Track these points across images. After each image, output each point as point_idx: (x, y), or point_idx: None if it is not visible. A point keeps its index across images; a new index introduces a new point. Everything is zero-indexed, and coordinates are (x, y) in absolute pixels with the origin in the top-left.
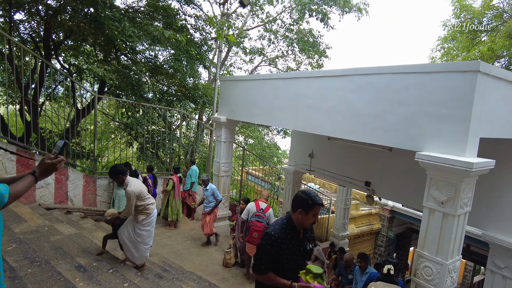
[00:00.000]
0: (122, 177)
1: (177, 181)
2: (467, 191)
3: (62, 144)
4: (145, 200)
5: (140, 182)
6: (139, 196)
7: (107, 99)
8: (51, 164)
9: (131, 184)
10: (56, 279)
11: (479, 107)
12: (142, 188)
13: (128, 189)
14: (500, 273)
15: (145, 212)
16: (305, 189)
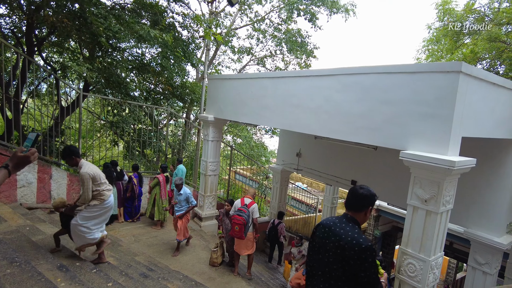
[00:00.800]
0: (76, 158)
1: (164, 180)
2: (449, 189)
3: (34, 136)
4: (101, 185)
5: (95, 166)
6: (94, 179)
7: (92, 97)
8: (24, 157)
9: (84, 166)
10: (37, 279)
11: (461, 107)
12: (98, 172)
13: (81, 171)
14: (480, 269)
15: (99, 198)
16: (360, 185)
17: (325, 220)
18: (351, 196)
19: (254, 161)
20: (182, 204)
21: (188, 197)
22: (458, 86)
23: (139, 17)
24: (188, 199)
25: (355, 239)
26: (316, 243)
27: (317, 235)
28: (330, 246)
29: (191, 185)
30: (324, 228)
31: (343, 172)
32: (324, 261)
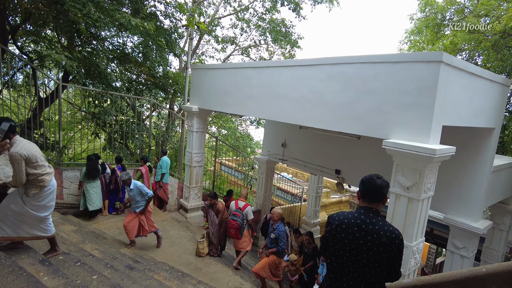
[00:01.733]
0: (9, 134)
1: (147, 171)
2: (430, 176)
3: (6, 127)
4: (37, 168)
5: (33, 145)
6: (29, 160)
7: (72, 87)
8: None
9: (17, 144)
10: (18, 274)
11: (441, 96)
12: (34, 152)
13: (11, 150)
14: (458, 253)
15: (38, 185)
16: (373, 175)
17: (346, 219)
18: (372, 188)
19: (239, 152)
20: (138, 199)
21: (140, 190)
22: (439, 75)
23: (120, 5)
24: (141, 192)
25: (393, 232)
26: (343, 245)
27: (343, 237)
28: (367, 245)
29: (176, 176)
30: (351, 228)
31: (328, 161)
32: (363, 261)
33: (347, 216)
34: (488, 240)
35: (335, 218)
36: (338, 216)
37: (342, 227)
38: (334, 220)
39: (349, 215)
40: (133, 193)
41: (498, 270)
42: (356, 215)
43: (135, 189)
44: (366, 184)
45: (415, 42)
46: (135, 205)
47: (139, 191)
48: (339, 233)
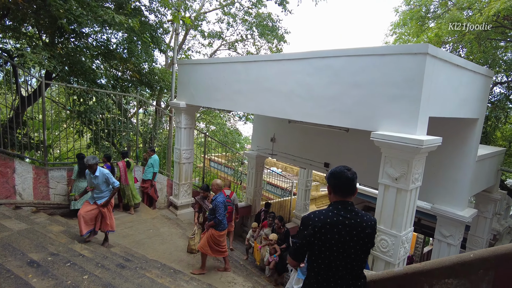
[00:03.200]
0: None
1: (124, 166)
2: (418, 167)
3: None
4: None
5: None
6: None
7: (56, 85)
8: None
9: None
10: (5, 277)
11: (428, 87)
12: None
13: None
14: (445, 241)
15: None
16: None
17: (328, 218)
18: (344, 182)
19: (228, 147)
20: (102, 188)
21: (107, 178)
22: (425, 67)
23: (103, 1)
24: (108, 181)
25: (371, 220)
26: (330, 245)
27: (329, 238)
28: (354, 240)
29: (165, 174)
30: (336, 227)
31: (317, 155)
32: (351, 257)
33: (327, 215)
34: (473, 228)
35: (315, 220)
36: (318, 217)
37: (327, 227)
38: (314, 222)
39: (328, 214)
40: (98, 181)
41: (485, 255)
42: (336, 212)
43: (101, 177)
44: (337, 178)
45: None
46: (98, 195)
47: (105, 179)
48: (324, 235)
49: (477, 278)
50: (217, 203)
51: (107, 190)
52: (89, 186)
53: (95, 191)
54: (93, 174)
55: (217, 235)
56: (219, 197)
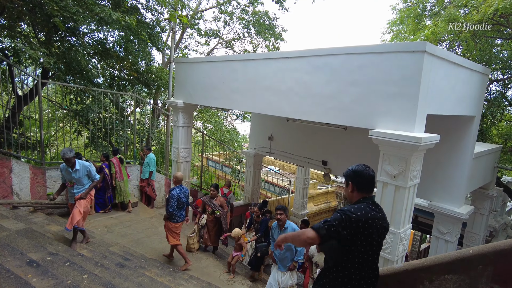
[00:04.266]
0: None
1: (118, 162)
2: (416, 164)
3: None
4: None
5: None
6: None
7: (52, 84)
8: None
9: None
10: (5, 277)
11: (425, 85)
12: None
13: None
14: (443, 238)
15: None
16: (362, 165)
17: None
18: (369, 179)
19: (226, 146)
20: (84, 182)
21: (89, 170)
22: (423, 65)
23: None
24: (89, 174)
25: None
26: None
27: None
28: (382, 234)
29: (163, 172)
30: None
31: (314, 153)
32: (378, 252)
33: (365, 210)
34: (469, 225)
35: (356, 217)
36: (357, 214)
37: (369, 222)
38: (356, 219)
39: (367, 209)
40: (80, 175)
41: (484, 251)
42: (369, 208)
43: (82, 170)
44: (362, 175)
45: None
46: (79, 190)
47: (86, 172)
48: (367, 230)
49: (476, 273)
50: (170, 195)
51: (88, 183)
52: (68, 182)
53: (75, 186)
54: (73, 168)
55: (171, 227)
56: (174, 190)
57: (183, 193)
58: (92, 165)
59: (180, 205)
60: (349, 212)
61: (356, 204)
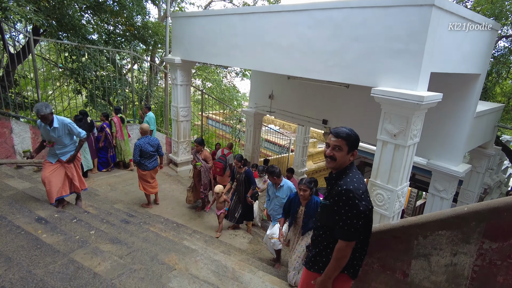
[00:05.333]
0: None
1: (119, 121)
2: (417, 123)
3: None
4: None
5: None
6: None
7: (45, 41)
8: None
9: None
10: (16, 233)
11: (431, 41)
12: None
13: None
14: (438, 195)
15: None
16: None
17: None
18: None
19: (226, 105)
20: (65, 142)
21: (70, 128)
22: (430, 20)
23: None
24: (71, 132)
25: None
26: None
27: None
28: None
29: (163, 131)
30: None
31: (315, 112)
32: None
33: (362, 181)
34: (465, 182)
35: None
36: (363, 185)
37: (368, 192)
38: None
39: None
40: (59, 133)
41: (478, 209)
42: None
43: (61, 128)
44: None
45: None
46: (61, 151)
47: (68, 130)
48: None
49: (469, 229)
50: (135, 145)
51: (72, 143)
52: (47, 141)
53: (56, 146)
54: (50, 126)
55: (140, 174)
56: (138, 141)
57: (148, 143)
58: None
59: (145, 154)
60: (363, 197)
61: (351, 172)
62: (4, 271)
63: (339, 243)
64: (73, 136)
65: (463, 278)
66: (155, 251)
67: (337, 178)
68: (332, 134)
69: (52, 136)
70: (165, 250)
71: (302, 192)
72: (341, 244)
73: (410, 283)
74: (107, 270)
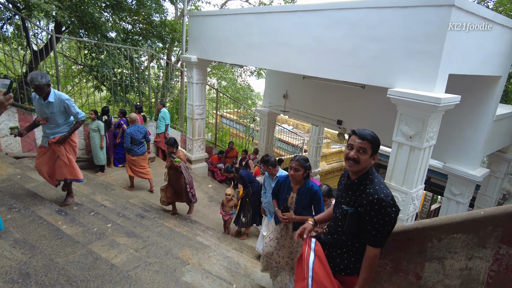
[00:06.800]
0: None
1: (141, 120)
2: (433, 125)
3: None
4: None
5: None
6: None
7: (66, 39)
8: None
9: None
10: (39, 223)
11: (450, 43)
12: None
13: None
14: (454, 199)
15: None
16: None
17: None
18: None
19: (240, 103)
20: (59, 120)
21: (67, 105)
22: (449, 20)
23: None
24: (68, 110)
25: None
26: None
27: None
28: None
29: (178, 129)
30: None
31: (329, 112)
32: None
33: (386, 185)
34: (483, 187)
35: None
36: (389, 191)
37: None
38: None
39: (384, 181)
40: (53, 110)
41: (495, 213)
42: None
43: (57, 104)
44: (379, 143)
45: None
46: (52, 130)
47: (64, 107)
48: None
49: (485, 233)
50: (125, 133)
51: (66, 124)
52: (41, 118)
53: (48, 124)
54: (45, 100)
55: (129, 159)
56: (128, 129)
57: (138, 131)
58: (71, 99)
59: (134, 141)
60: (392, 203)
61: (375, 178)
62: (28, 258)
63: (371, 250)
64: (70, 117)
65: (478, 283)
66: (169, 246)
67: (360, 184)
68: (357, 136)
69: (45, 111)
70: (179, 245)
71: (293, 171)
72: (374, 252)
73: (423, 286)
74: (123, 262)
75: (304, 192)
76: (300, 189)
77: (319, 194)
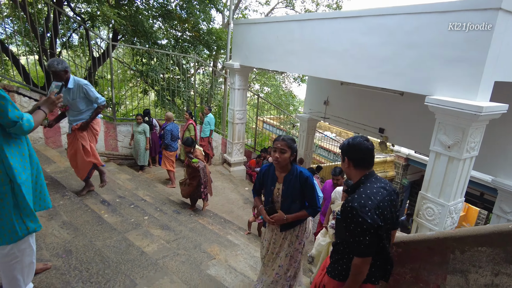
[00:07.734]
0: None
1: (194, 125)
2: (475, 135)
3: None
4: None
5: None
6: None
7: (121, 46)
8: (53, 100)
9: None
10: (84, 210)
11: (496, 48)
12: None
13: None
14: (505, 217)
15: None
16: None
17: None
18: (371, 154)
19: (281, 110)
20: (81, 107)
21: (86, 91)
22: (495, 25)
23: None
24: (87, 95)
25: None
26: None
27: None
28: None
29: (220, 132)
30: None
31: (371, 119)
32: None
33: (372, 193)
34: None
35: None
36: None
37: (381, 206)
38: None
39: (373, 191)
40: (73, 96)
41: None
42: (375, 190)
43: (76, 89)
44: (361, 150)
45: None
46: (74, 117)
47: (83, 93)
48: (382, 214)
49: None
50: (165, 130)
51: (88, 109)
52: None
53: (71, 111)
54: (66, 86)
55: (167, 155)
56: (167, 126)
57: (176, 128)
58: (90, 84)
59: (173, 138)
60: (369, 214)
61: (364, 186)
62: (72, 238)
63: (354, 259)
64: (92, 103)
65: None
66: (199, 241)
67: (352, 191)
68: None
69: (66, 98)
70: (209, 241)
71: (278, 153)
72: (356, 260)
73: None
74: (153, 251)
75: (291, 180)
76: (286, 177)
77: (311, 181)
